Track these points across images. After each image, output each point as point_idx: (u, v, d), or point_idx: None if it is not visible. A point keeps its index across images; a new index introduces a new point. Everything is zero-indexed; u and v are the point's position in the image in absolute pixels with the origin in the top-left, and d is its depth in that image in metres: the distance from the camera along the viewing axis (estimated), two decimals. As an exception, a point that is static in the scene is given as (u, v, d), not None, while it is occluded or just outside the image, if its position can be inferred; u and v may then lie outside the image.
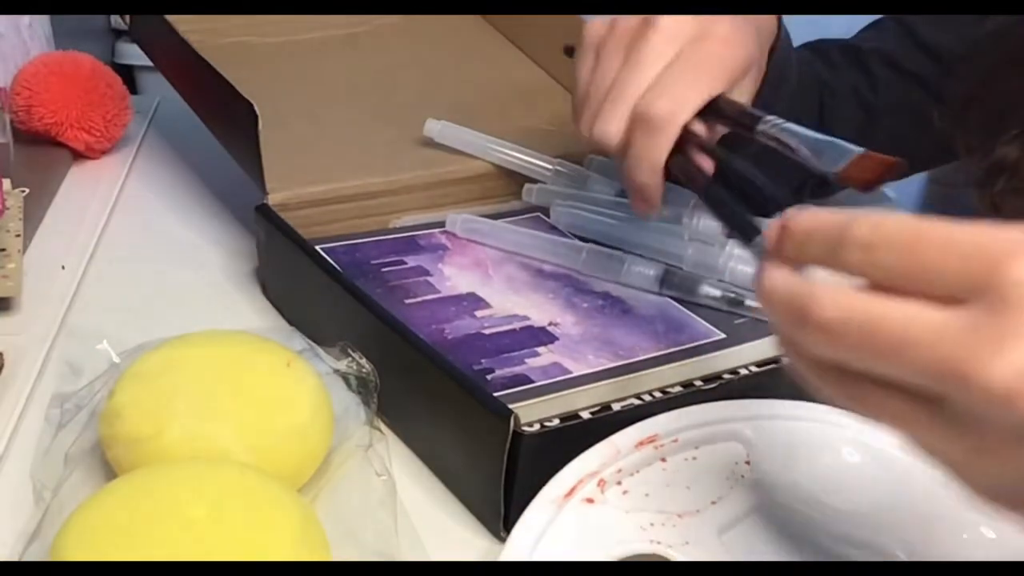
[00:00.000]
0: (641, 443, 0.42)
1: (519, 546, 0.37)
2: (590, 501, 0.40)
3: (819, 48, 0.73)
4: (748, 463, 0.42)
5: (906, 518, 0.41)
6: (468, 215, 0.61)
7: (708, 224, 0.60)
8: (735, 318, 0.53)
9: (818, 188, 0.75)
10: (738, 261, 0.55)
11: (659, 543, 0.38)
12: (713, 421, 0.44)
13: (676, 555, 0.38)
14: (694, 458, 0.42)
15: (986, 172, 0.58)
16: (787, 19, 0.73)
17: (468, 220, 0.61)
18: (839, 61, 0.72)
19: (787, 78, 0.61)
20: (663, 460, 0.42)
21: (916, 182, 1.91)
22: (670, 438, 0.43)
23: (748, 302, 0.53)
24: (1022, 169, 0.56)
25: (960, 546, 0.40)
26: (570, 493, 0.40)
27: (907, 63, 0.69)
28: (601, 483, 0.40)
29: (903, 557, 0.39)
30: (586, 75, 0.51)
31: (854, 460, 0.43)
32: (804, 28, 0.73)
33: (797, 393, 0.47)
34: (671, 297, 0.55)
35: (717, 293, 0.53)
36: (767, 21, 0.58)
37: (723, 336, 0.51)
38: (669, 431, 0.43)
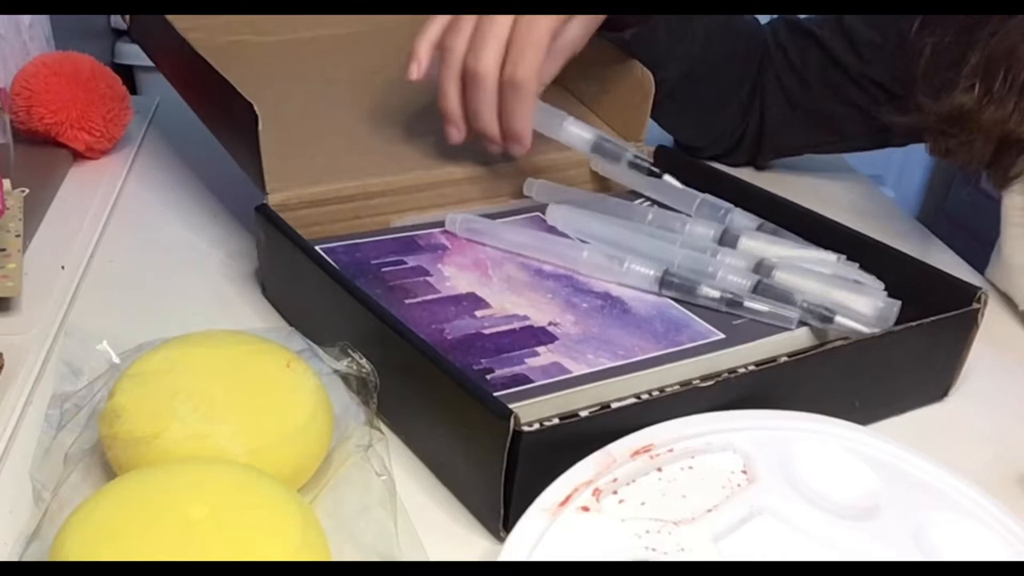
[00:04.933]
0: (636, 452, 0.42)
1: (514, 554, 0.37)
2: (585, 510, 0.39)
3: (773, 23, 0.81)
4: (744, 472, 0.42)
5: (902, 526, 0.41)
6: (468, 215, 0.61)
7: (700, 232, 0.60)
8: (734, 319, 0.53)
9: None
10: (728, 271, 0.55)
11: (654, 550, 0.38)
12: (709, 431, 0.44)
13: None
14: (690, 467, 0.42)
15: (941, 119, 0.61)
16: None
17: (468, 220, 0.61)
18: (781, 29, 0.80)
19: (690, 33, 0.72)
20: (659, 470, 0.42)
21: (916, 181, 1.91)
22: (666, 448, 0.43)
23: (747, 303, 0.53)
24: (975, 119, 0.59)
25: (956, 552, 0.40)
26: (565, 502, 0.40)
27: (831, 46, 0.76)
28: (596, 492, 0.40)
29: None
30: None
31: (849, 468, 0.43)
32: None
33: (792, 399, 0.48)
34: (670, 298, 0.55)
35: (716, 295, 0.53)
36: None
37: (722, 336, 0.51)
38: (664, 441, 0.43)
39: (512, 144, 0.63)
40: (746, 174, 0.82)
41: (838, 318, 0.51)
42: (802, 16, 0.79)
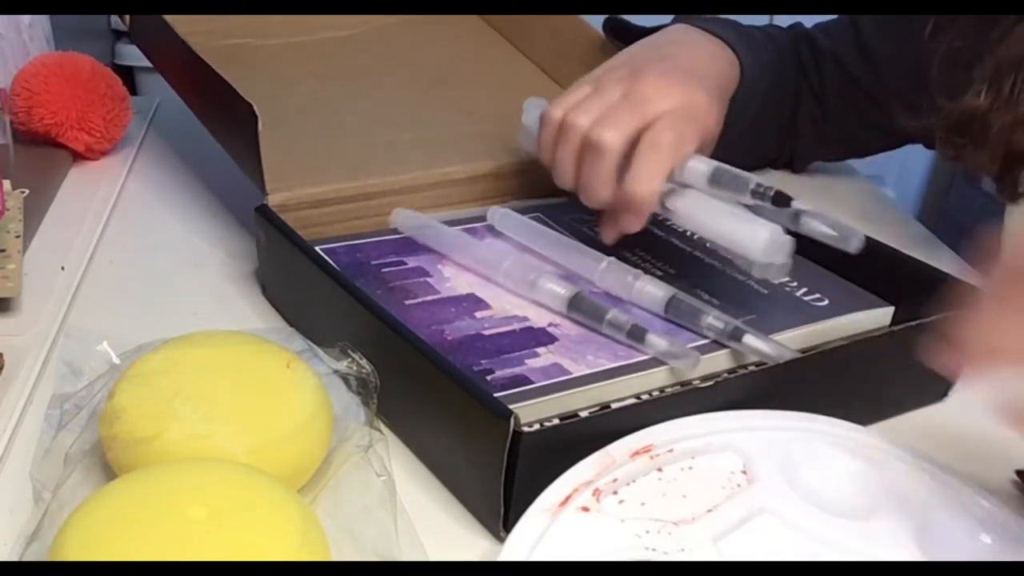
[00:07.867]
0: (636, 453, 0.42)
1: (514, 554, 0.38)
2: (585, 510, 0.40)
3: (798, 42, 0.79)
4: (744, 472, 0.42)
5: (902, 526, 0.41)
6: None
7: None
8: (733, 320, 0.53)
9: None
10: (642, 296, 0.53)
11: (654, 550, 0.38)
12: (709, 431, 0.44)
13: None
14: (690, 468, 0.42)
15: (952, 124, 0.60)
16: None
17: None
18: (803, 46, 0.78)
19: (743, 118, 0.68)
20: (659, 470, 0.42)
21: (916, 181, 1.91)
22: (665, 448, 0.43)
23: (649, 337, 0.49)
24: (983, 125, 0.58)
25: (957, 553, 0.40)
26: (565, 502, 0.40)
27: (849, 64, 0.76)
28: (596, 492, 0.40)
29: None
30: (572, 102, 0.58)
31: (849, 468, 0.43)
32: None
33: (792, 399, 0.48)
34: (577, 321, 0.52)
35: (619, 324, 0.50)
36: (732, 80, 0.65)
37: (722, 336, 0.51)
38: (665, 441, 0.43)
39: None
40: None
41: (746, 337, 0.49)
42: (820, 27, 0.79)
